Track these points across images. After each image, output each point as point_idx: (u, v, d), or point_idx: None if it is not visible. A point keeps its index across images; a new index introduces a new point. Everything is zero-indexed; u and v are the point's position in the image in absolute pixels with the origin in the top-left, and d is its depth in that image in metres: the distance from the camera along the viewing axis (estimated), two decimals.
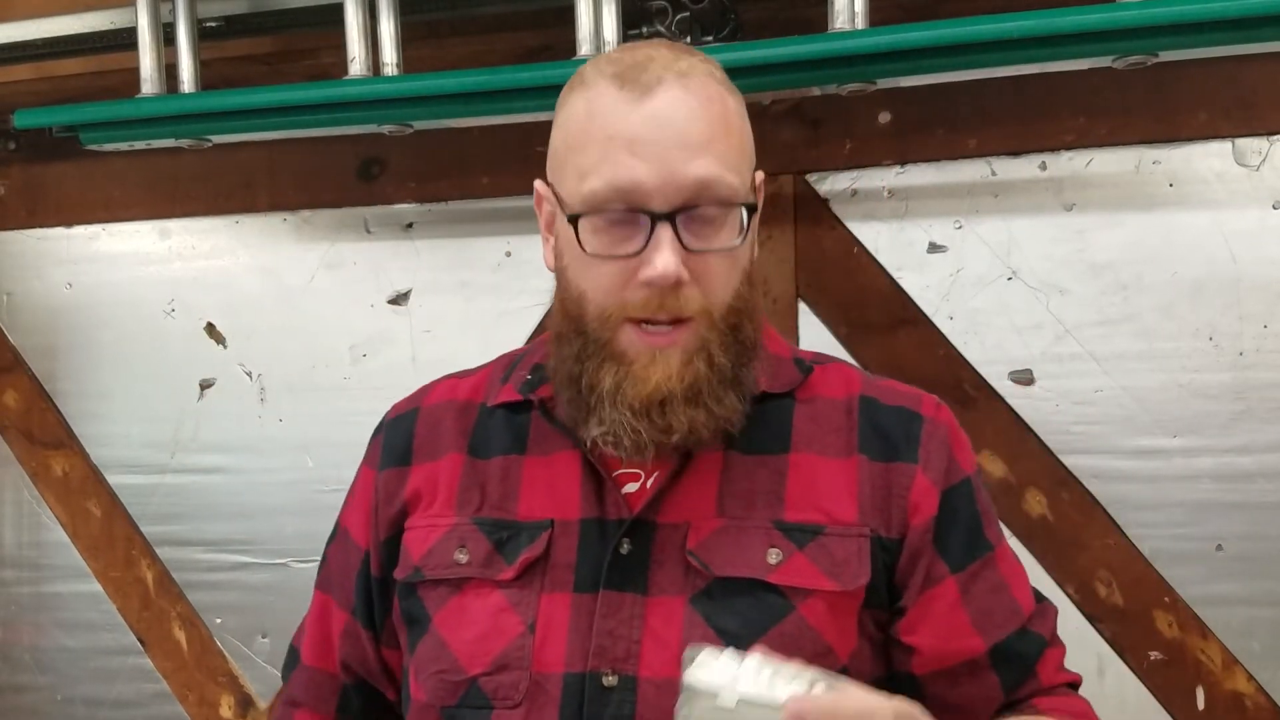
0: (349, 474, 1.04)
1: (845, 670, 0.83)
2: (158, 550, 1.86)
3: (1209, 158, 1.44)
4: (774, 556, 0.87)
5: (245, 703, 1.81)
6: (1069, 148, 1.48)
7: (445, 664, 0.89)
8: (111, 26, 1.62)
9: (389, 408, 1.03)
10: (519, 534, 0.91)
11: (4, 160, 1.95)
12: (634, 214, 0.83)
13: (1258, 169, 1.43)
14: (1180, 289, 1.45)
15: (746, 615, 0.86)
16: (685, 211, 0.83)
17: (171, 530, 1.85)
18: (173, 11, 1.51)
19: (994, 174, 1.52)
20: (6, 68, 1.71)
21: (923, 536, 0.90)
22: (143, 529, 1.87)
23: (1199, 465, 1.44)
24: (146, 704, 1.86)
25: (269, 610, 1.80)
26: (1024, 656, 0.93)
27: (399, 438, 0.99)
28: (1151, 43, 1.25)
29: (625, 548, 0.88)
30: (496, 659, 0.87)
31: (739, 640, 0.81)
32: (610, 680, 0.85)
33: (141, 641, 1.86)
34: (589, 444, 0.89)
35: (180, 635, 1.84)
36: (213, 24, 1.58)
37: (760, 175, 0.92)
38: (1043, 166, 1.49)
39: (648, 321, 0.85)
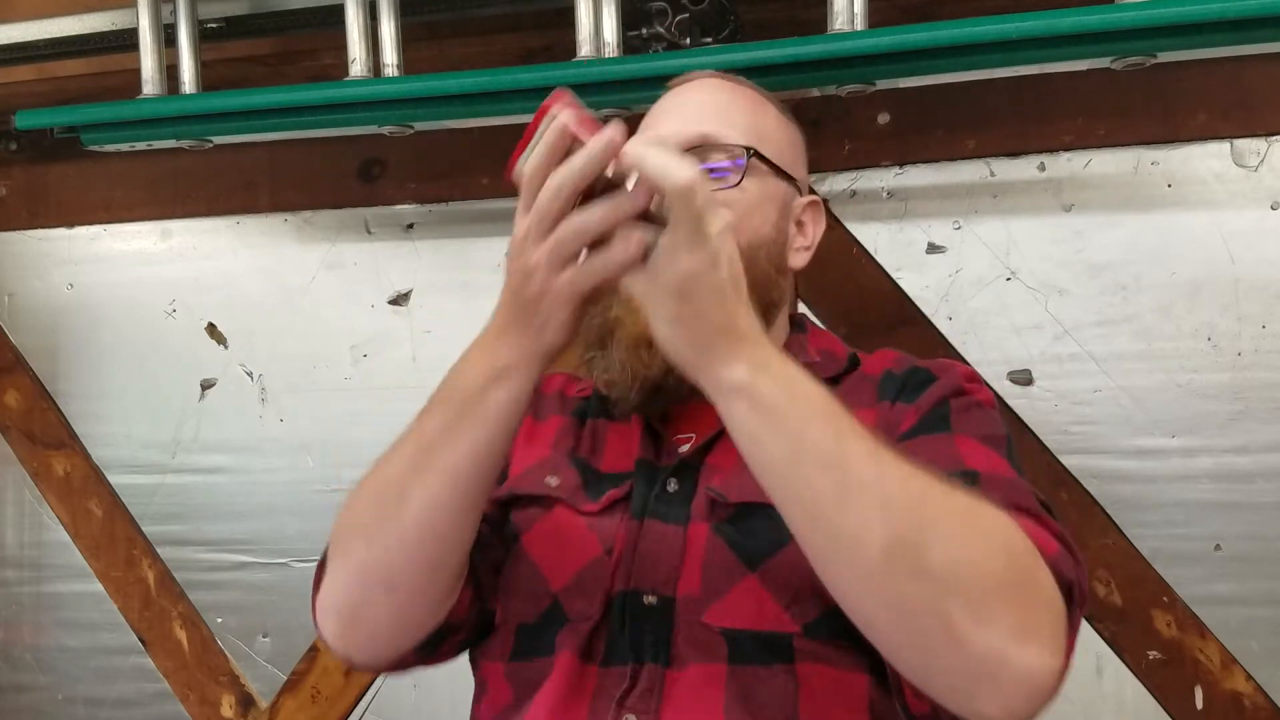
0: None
1: None
2: (159, 550, 1.86)
3: (1207, 158, 1.45)
4: None
5: (246, 702, 1.81)
6: (1068, 148, 1.49)
7: (530, 580, 0.96)
8: (113, 28, 1.63)
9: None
10: (602, 481, 0.99)
11: (5, 161, 1.95)
12: None
13: (1256, 170, 1.43)
14: (1179, 289, 1.45)
15: (761, 534, 0.91)
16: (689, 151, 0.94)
17: (172, 530, 1.85)
18: (174, 13, 1.52)
19: (993, 175, 1.52)
20: (8, 68, 1.72)
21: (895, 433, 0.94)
22: (144, 529, 1.87)
23: (1197, 465, 1.44)
24: (147, 703, 1.86)
25: (270, 610, 1.80)
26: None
27: None
28: (1151, 43, 1.25)
29: (672, 486, 0.96)
30: (576, 576, 0.94)
31: (754, 556, 0.90)
32: (650, 600, 0.91)
33: (142, 641, 1.87)
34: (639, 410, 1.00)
35: (181, 635, 1.85)
36: (213, 25, 1.58)
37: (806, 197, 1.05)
38: (1041, 167, 1.50)
39: None
